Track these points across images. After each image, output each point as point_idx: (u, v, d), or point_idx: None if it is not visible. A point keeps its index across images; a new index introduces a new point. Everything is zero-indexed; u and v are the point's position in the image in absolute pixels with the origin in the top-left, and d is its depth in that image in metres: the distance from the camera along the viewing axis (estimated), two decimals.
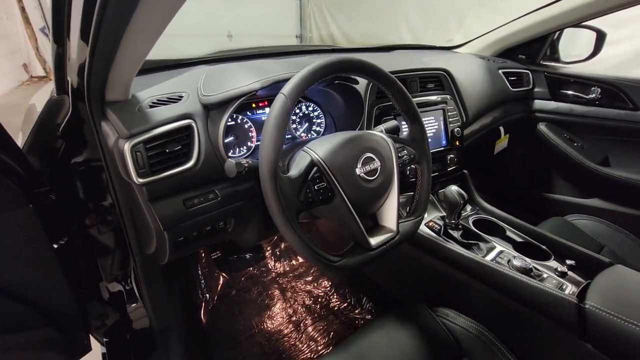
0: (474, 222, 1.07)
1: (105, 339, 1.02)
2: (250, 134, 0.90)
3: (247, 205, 0.83)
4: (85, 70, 0.60)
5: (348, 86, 0.94)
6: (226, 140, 0.81)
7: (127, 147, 0.65)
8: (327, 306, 1.44)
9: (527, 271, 0.84)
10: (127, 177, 0.68)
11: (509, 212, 1.10)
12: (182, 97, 0.78)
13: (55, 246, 0.78)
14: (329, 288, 1.52)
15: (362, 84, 0.97)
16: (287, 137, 0.98)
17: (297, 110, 1.00)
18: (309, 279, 1.57)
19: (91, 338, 0.95)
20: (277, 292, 1.51)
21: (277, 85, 0.70)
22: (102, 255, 0.98)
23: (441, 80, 1.22)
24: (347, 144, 0.70)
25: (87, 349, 0.91)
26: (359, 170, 0.68)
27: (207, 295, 1.42)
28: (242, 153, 0.90)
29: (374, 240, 0.69)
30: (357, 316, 1.39)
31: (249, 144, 0.90)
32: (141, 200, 0.71)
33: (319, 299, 1.47)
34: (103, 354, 1.01)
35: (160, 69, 0.98)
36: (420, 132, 0.81)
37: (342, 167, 0.67)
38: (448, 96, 1.21)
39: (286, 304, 1.45)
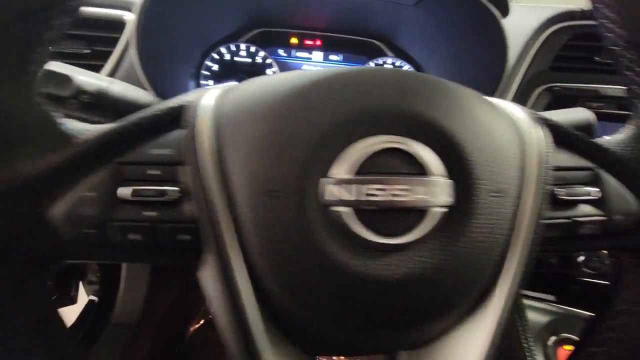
0: None
1: (90, 298, 0.80)
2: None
3: None
4: None
5: (483, 16, 0.51)
6: None
7: None
8: None
9: None
10: None
11: None
12: None
13: None
14: None
15: (518, 26, 0.55)
16: None
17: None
18: None
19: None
20: None
21: None
22: None
23: None
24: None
25: (72, 300, 0.75)
26: (328, 192, 0.19)
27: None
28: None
29: None
30: None
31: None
32: None
33: None
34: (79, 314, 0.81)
35: None
36: None
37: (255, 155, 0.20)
38: None
39: None
